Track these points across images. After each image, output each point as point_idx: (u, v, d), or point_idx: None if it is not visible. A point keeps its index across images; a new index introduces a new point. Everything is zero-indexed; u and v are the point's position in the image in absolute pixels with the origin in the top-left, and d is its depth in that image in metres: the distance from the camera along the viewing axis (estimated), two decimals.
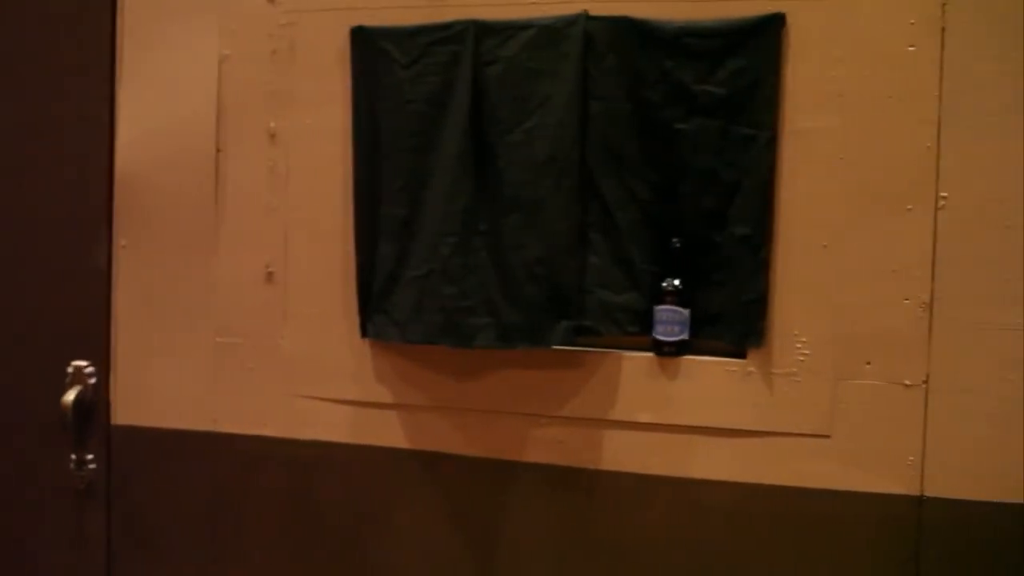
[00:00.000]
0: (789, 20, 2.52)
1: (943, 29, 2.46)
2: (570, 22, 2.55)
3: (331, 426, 2.81)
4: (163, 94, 2.91)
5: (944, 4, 2.45)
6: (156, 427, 3.01)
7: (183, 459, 2.97)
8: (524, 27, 2.57)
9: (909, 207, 2.48)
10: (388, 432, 2.76)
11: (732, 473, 2.59)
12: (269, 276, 2.83)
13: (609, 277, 2.59)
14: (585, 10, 2.56)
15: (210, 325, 2.92)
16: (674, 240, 2.54)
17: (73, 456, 3.02)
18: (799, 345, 2.53)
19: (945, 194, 2.46)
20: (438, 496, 2.74)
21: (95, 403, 3.03)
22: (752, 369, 2.54)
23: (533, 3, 2.60)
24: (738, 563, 2.60)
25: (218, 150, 2.88)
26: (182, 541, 2.97)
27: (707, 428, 2.58)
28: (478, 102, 2.57)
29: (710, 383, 2.57)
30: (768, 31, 2.51)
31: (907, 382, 2.49)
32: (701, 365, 2.59)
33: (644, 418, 2.60)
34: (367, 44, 2.69)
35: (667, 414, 2.59)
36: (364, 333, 2.72)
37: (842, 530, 2.56)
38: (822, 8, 2.50)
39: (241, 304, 2.87)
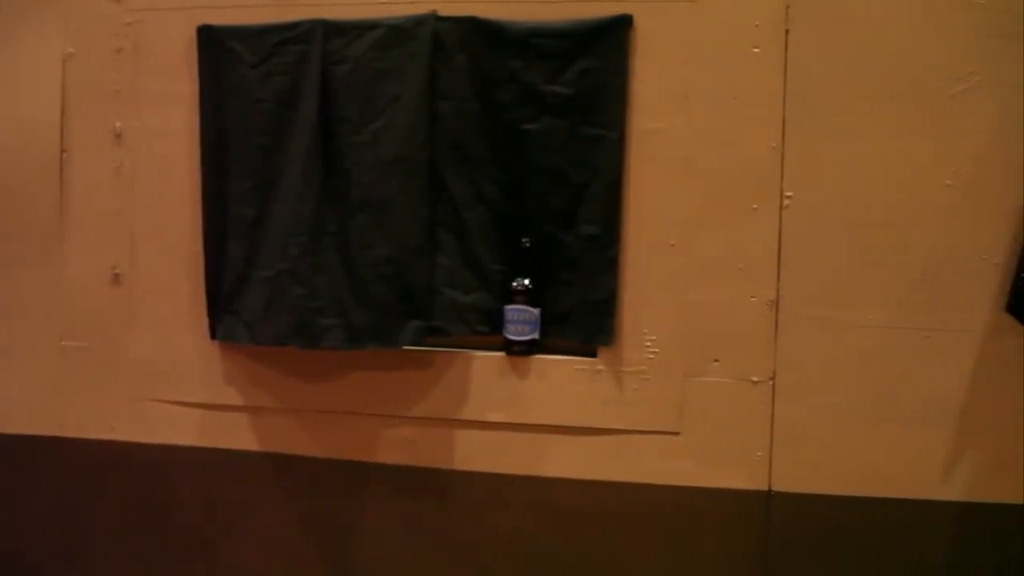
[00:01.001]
0: (636, 21, 2.50)
1: (787, 31, 2.48)
2: (418, 22, 2.54)
3: (180, 429, 2.74)
4: (4, 93, 2.84)
5: (788, 7, 2.47)
6: None
7: (28, 464, 2.88)
8: (372, 27, 2.54)
9: (755, 206, 2.50)
10: (238, 435, 2.70)
11: (583, 471, 2.56)
12: (115, 278, 2.77)
13: (458, 277, 2.57)
14: (434, 10, 2.53)
15: (55, 328, 2.83)
16: (523, 240, 2.53)
17: None
18: (648, 343, 2.53)
19: (790, 193, 2.48)
20: (290, 498, 2.70)
21: None
22: (602, 367, 2.55)
23: (382, 3, 2.58)
24: (590, 560, 2.56)
25: (63, 150, 2.81)
26: (28, 546, 2.90)
27: (558, 427, 2.56)
28: (326, 102, 2.53)
29: (560, 382, 2.56)
30: (615, 32, 2.52)
31: (754, 379, 2.50)
32: (551, 364, 2.57)
33: (495, 417, 2.58)
34: (214, 43, 2.64)
35: (518, 413, 2.57)
36: (213, 335, 2.67)
37: (693, 525, 2.54)
38: (668, 10, 2.50)
39: (87, 307, 2.79)
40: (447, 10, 2.47)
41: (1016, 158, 2.37)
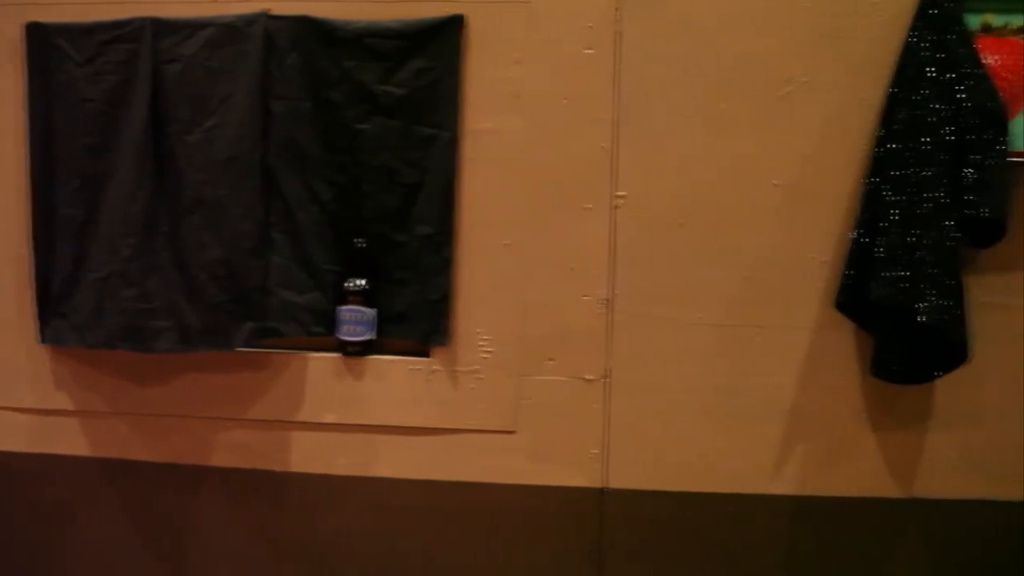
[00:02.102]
0: (469, 22, 2.49)
1: (619, 33, 2.50)
2: (250, 21, 2.51)
3: (8, 435, 2.66)
4: None
5: (619, 9, 2.49)
6: None
7: None
8: (203, 25, 2.51)
9: (588, 206, 2.51)
10: (69, 440, 2.64)
11: (419, 471, 2.54)
12: None
13: (292, 278, 2.55)
14: (266, 9, 2.53)
15: None
16: (357, 240, 2.53)
17: None
18: (483, 343, 2.53)
19: (622, 193, 2.50)
20: (122, 503, 2.64)
21: None
22: (437, 367, 2.54)
23: (213, 1, 2.57)
24: (427, 559, 2.54)
25: None
26: None
27: (393, 427, 2.54)
28: (157, 101, 2.50)
29: (396, 382, 2.54)
30: (448, 32, 2.51)
31: (589, 377, 2.51)
32: (387, 364, 2.56)
33: (330, 419, 2.56)
34: (42, 41, 2.57)
35: (353, 414, 2.55)
36: (42, 338, 2.64)
37: (529, 523, 2.53)
38: (501, 11, 2.49)
39: None
40: (280, 9, 2.43)
41: (842, 158, 2.41)
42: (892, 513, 2.45)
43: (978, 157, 2.27)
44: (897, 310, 2.28)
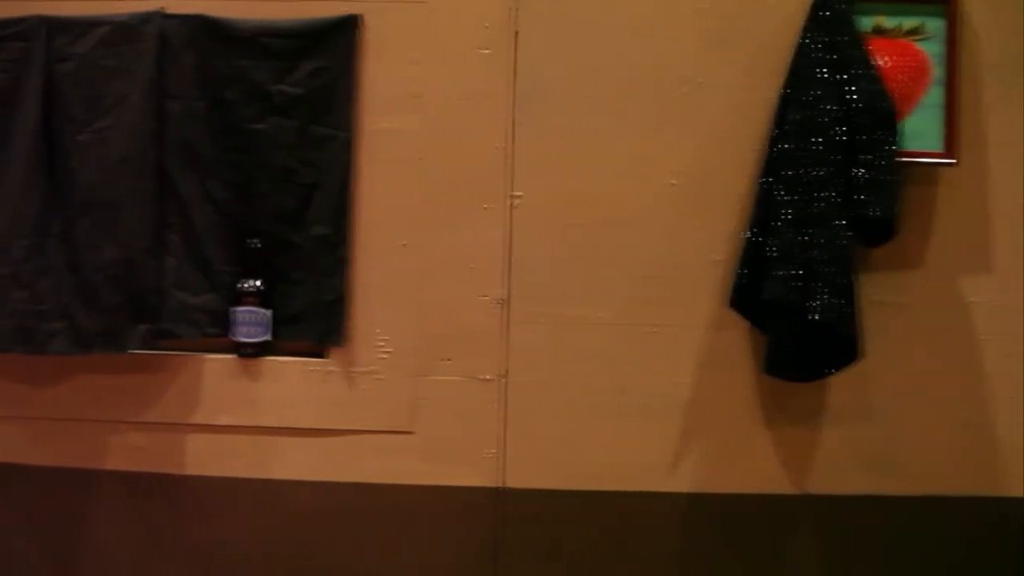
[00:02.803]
0: (366, 21, 2.48)
1: (516, 33, 2.52)
2: (145, 19, 2.49)
3: None
4: None
5: (516, 9, 2.50)
6: None
7: None
8: (97, 24, 2.48)
9: (485, 206, 2.51)
10: None
11: (316, 472, 2.52)
12: None
13: (187, 279, 2.53)
14: (161, 7, 2.53)
15: None
16: (253, 240, 2.53)
17: None
18: (380, 343, 2.53)
19: (519, 193, 2.51)
20: (14, 509, 2.62)
21: None
22: (334, 368, 2.54)
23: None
24: (325, 561, 2.53)
25: None
26: None
27: (290, 429, 2.52)
28: (50, 101, 2.47)
29: (292, 384, 2.53)
30: (344, 32, 2.51)
31: (486, 377, 2.52)
32: (283, 366, 2.54)
33: (226, 421, 2.54)
34: None
35: (250, 416, 2.53)
36: None
37: (426, 523, 2.52)
38: (398, 10, 2.49)
39: None
40: (175, 7, 2.43)
41: (736, 158, 2.44)
42: (786, 509, 2.46)
43: (869, 157, 2.29)
44: (790, 309, 2.29)
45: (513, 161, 2.39)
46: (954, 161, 2.39)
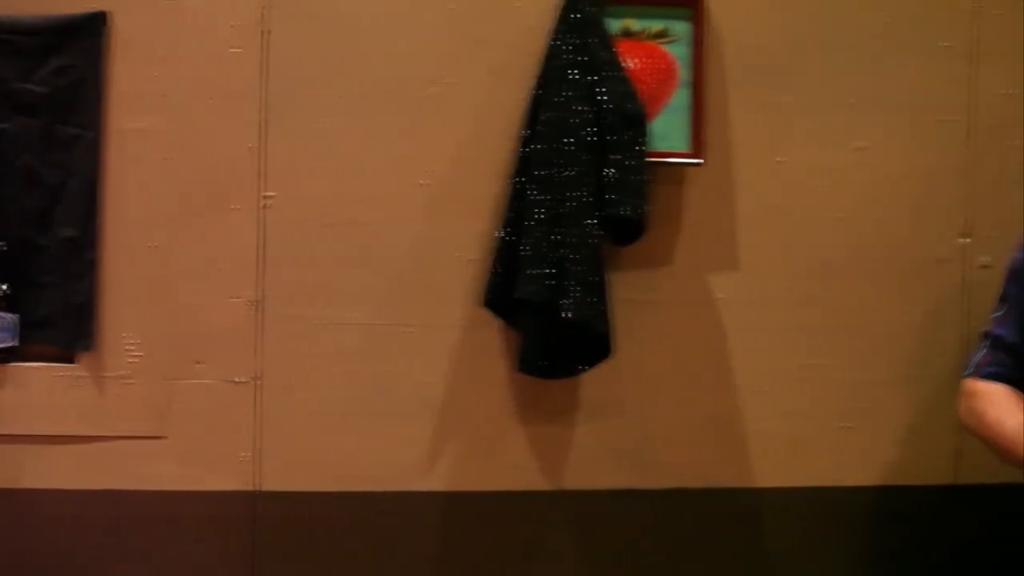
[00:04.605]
0: (113, 19, 2.42)
1: (267, 32, 2.52)
2: None
3: None
4: None
5: (266, 8, 2.51)
6: None
7: None
8: None
9: (235, 207, 2.49)
10: None
11: (67, 480, 2.45)
12: None
13: None
14: None
15: None
16: None
17: None
18: (130, 347, 2.50)
19: (270, 194, 2.51)
20: None
21: None
22: (83, 374, 2.50)
23: None
24: (79, 570, 2.52)
25: None
26: None
27: (39, 436, 2.43)
28: None
29: (40, 390, 2.45)
30: (90, 30, 2.45)
31: (239, 379, 2.51)
32: (30, 372, 2.47)
33: None
34: None
35: None
36: None
37: (181, 529, 2.48)
38: (145, 8, 2.43)
39: None
40: None
41: (489, 158, 2.47)
42: (542, 505, 2.49)
43: (619, 157, 2.33)
44: (543, 307, 2.32)
45: (265, 161, 2.37)
46: (700, 161, 2.45)
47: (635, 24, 2.39)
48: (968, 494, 2.51)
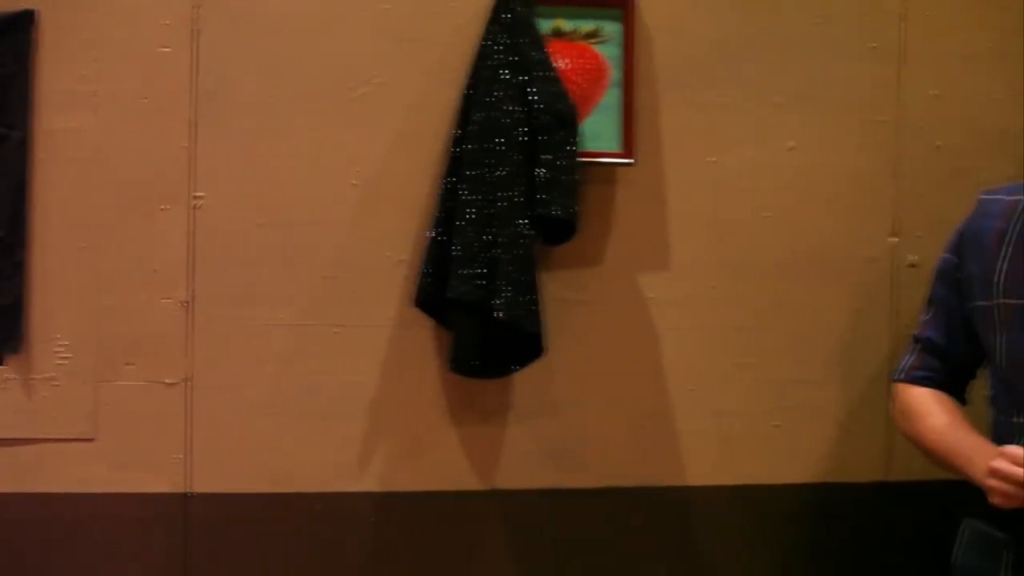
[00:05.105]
0: (41, 17, 2.41)
1: (197, 31, 2.52)
2: None
3: None
4: None
5: (196, 7, 2.51)
6: None
7: None
8: None
9: (165, 207, 2.48)
10: None
11: None
12: None
13: None
14: None
15: None
16: None
17: None
18: (59, 348, 2.48)
19: (201, 194, 2.51)
20: None
21: None
22: (11, 376, 2.45)
23: None
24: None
25: None
26: None
27: None
28: None
29: None
30: (17, 28, 2.43)
31: (169, 381, 2.50)
32: None
33: None
34: None
35: None
36: None
37: (112, 531, 2.46)
38: (74, 7, 2.38)
39: None
40: None
41: (419, 158, 2.49)
42: (475, 506, 2.50)
43: (550, 157, 2.34)
44: (475, 307, 2.33)
45: (196, 162, 2.37)
46: (631, 161, 2.46)
47: (566, 24, 2.40)
48: (899, 490, 2.54)
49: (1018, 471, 1.66)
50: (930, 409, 1.80)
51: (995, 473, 1.72)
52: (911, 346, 2.06)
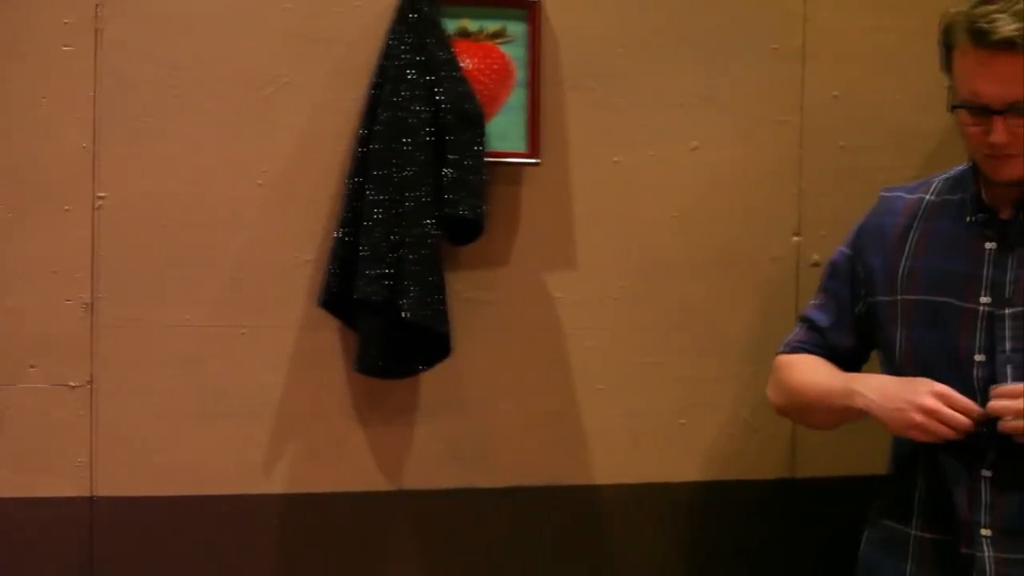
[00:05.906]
0: None
1: (99, 30, 2.49)
2: None
3: None
4: None
5: (99, 6, 2.49)
6: None
7: None
8: None
9: (67, 207, 2.44)
10: None
11: None
12: None
13: None
14: None
15: None
16: None
17: None
18: None
19: (103, 194, 2.48)
20: None
21: None
22: None
23: None
24: None
25: None
26: None
27: None
28: None
29: None
30: None
31: (72, 383, 2.46)
32: None
33: None
34: None
35: None
36: None
37: (15, 537, 2.43)
38: None
39: None
40: None
41: (326, 157, 2.48)
42: (383, 506, 2.50)
43: (457, 157, 2.35)
44: (381, 307, 2.33)
45: (98, 162, 2.37)
46: (537, 161, 2.48)
47: (472, 24, 2.42)
48: (805, 487, 2.57)
49: (961, 418, 1.73)
50: (804, 368, 1.97)
51: (932, 413, 1.76)
52: (797, 325, 2.10)
